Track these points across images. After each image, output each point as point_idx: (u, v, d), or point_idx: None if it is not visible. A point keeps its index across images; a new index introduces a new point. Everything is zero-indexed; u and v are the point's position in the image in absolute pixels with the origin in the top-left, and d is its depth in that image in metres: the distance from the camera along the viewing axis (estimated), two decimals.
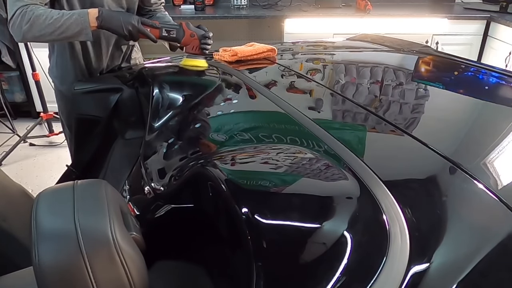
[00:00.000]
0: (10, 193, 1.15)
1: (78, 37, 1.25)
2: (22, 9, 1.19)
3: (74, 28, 1.21)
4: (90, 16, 1.22)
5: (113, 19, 1.25)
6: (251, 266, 0.59)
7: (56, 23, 1.19)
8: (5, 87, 3.33)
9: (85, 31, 1.23)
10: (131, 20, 1.26)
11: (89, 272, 0.57)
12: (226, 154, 0.91)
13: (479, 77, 1.40)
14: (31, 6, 1.20)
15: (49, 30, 1.20)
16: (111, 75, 1.53)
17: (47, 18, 1.19)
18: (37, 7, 1.21)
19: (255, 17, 3.13)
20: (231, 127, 1.09)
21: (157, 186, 1.00)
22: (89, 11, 1.23)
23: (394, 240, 0.59)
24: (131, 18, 1.27)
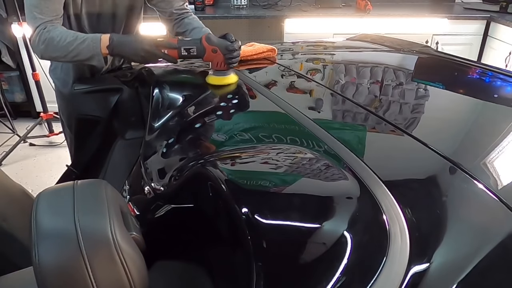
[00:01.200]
0: (10, 193, 1.15)
1: (90, 62, 1.25)
2: (40, 29, 1.21)
3: (86, 53, 1.21)
4: (102, 43, 1.20)
5: (125, 47, 1.21)
6: (251, 266, 0.59)
7: (69, 47, 1.20)
8: (5, 87, 3.33)
9: (97, 57, 1.22)
10: (143, 45, 1.20)
11: (89, 272, 0.57)
12: (226, 154, 0.91)
13: (479, 77, 1.40)
14: (48, 26, 1.21)
15: (63, 53, 1.22)
16: (111, 75, 1.53)
17: (61, 41, 1.20)
18: (54, 27, 1.22)
19: (255, 17, 3.13)
20: (231, 127, 1.09)
21: (157, 186, 1.00)
22: (102, 38, 1.21)
23: (394, 240, 0.59)
24: (144, 43, 1.21)
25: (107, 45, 1.20)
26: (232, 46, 1.22)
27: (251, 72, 1.42)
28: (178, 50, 1.24)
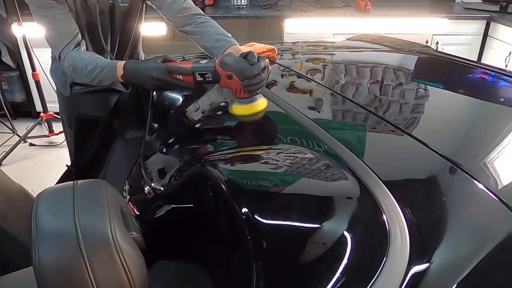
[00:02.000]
0: (10, 193, 1.15)
1: (114, 87, 1.24)
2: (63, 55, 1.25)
3: (107, 81, 1.22)
4: (117, 72, 1.19)
5: (137, 75, 1.16)
6: (251, 266, 0.59)
7: (91, 75, 1.22)
8: (5, 87, 3.33)
9: (117, 85, 1.22)
10: (155, 73, 1.12)
11: (89, 272, 0.58)
12: (226, 154, 0.91)
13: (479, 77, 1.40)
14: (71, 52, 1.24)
15: (88, 79, 1.24)
16: None
17: (83, 69, 1.22)
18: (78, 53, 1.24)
19: (255, 17, 3.13)
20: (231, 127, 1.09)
21: (157, 186, 1.00)
22: (117, 66, 1.19)
23: (394, 240, 0.59)
24: (156, 71, 1.12)
25: (121, 74, 1.18)
26: (250, 71, 1.01)
27: None
28: (193, 75, 1.09)
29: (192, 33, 1.35)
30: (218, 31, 1.33)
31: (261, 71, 1.03)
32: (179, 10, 1.33)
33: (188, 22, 1.34)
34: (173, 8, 1.33)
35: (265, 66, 1.04)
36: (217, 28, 1.34)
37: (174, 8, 1.33)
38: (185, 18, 1.34)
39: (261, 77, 1.03)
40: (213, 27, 1.34)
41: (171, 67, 1.12)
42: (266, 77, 1.06)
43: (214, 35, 1.31)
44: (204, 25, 1.34)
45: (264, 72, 1.04)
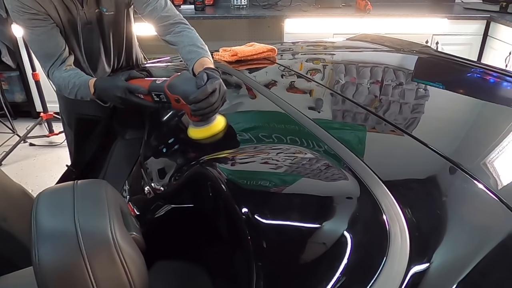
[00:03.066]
0: (10, 193, 1.15)
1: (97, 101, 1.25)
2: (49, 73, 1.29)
3: (85, 97, 1.25)
4: (90, 89, 1.21)
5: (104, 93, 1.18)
6: (251, 266, 0.59)
7: (73, 93, 1.26)
8: (5, 87, 3.33)
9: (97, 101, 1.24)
10: (117, 92, 1.11)
11: (89, 272, 0.57)
12: (226, 154, 0.91)
13: (479, 77, 1.40)
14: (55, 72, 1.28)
15: (72, 96, 1.27)
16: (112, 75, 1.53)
17: (65, 88, 1.26)
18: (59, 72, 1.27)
19: (255, 17, 3.13)
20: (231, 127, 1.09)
21: (157, 186, 1.00)
22: (89, 84, 1.21)
23: (394, 240, 0.59)
24: (118, 90, 1.11)
25: (93, 92, 1.21)
26: (195, 96, 0.94)
27: (251, 72, 1.42)
28: (150, 95, 1.07)
29: (171, 43, 1.33)
30: (192, 41, 1.28)
31: (209, 95, 0.95)
32: (158, 18, 1.31)
33: (167, 32, 1.32)
34: (153, 17, 1.31)
35: (214, 89, 0.96)
36: (192, 38, 1.29)
37: (153, 17, 1.31)
38: (165, 28, 1.32)
39: (209, 102, 0.95)
40: (188, 37, 1.30)
41: (131, 86, 1.10)
42: (218, 100, 0.98)
43: (187, 47, 1.26)
44: (180, 35, 1.31)
45: (213, 96, 0.96)
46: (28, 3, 1.18)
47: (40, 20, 1.22)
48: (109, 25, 1.38)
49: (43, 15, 1.22)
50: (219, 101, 0.99)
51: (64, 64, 1.28)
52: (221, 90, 0.99)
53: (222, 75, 1.36)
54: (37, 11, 1.20)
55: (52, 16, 1.25)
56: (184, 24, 1.34)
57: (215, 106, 0.98)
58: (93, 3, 1.30)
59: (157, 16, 1.31)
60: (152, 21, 1.33)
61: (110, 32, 1.41)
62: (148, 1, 1.30)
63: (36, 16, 1.21)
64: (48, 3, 1.22)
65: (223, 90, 1.00)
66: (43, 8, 1.21)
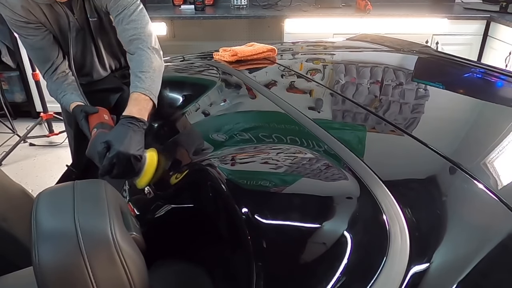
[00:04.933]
0: (10, 193, 1.15)
1: None
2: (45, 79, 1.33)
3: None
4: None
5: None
6: (251, 266, 0.59)
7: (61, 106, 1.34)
8: (5, 87, 3.33)
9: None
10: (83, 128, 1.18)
11: (89, 272, 0.57)
12: (226, 154, 0.91)
13: (479, 77, 1.40)
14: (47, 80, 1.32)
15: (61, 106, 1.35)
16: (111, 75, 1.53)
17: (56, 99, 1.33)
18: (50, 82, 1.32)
19: (255, 17, 3.13)
20: (231, 127, 1.09)
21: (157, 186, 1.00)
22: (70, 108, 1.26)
23: (394, 240, 0.59)
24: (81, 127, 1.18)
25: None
26: (99, 173, 1.00)
27: (251, 72, 1.42)
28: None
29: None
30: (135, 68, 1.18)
31: (109, 171, 0.98)
32: (121, 32, 1.25)
33: (127, 50, 1.25)
34: (119, 29, 1.25)
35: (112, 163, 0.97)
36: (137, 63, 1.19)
37: (119, 29, 1.25)
38: (124, 44, 1.26)
39: (114, 173, 0.98)
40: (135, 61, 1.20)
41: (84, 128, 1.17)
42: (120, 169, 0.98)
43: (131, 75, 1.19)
44: (131, 58, 1.22)
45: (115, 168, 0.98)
46: (19, 12, 1.18)
47: (32, 29, 1.23)
48: (96, 31, 1.38)
49: (35, 23, 1.22)
50: (125, 167, 0.98)
51: (56, 72, 1.31)
52: (122, 158, 0.97)
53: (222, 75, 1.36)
54: (28, 20, 1.20)
55: (43, 23, 1.25)
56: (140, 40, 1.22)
57: (125, 173, 1.00)
58: (81, 10, 1.30)
59: (120, 28, 1.24)
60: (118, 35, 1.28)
61: (99, 36, 1.41)
62: (117, 10, 1.23)
63: (28, 24, 1.21)
64: (38, 11, 1.21)
65: (124, 158, 0.98)
66: (34, 16, 1.21)
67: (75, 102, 1.26)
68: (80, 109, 1.19)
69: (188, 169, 0.92)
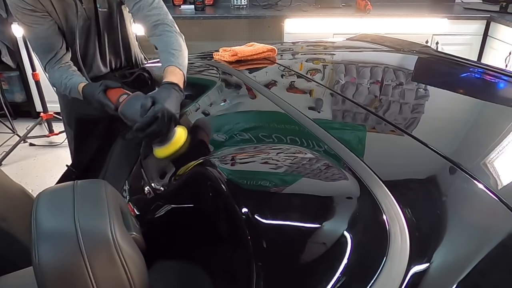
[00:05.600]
0: (10, 193, 1.15)
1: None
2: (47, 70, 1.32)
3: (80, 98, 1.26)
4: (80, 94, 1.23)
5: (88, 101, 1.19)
6: (251, 266, 0.59)
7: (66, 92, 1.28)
8: (5, 87, 3.33)
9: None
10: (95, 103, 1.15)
11: (89, 272, 0.57)
12: (226, 154, 0.91)
13: (479, 77, 1.40)
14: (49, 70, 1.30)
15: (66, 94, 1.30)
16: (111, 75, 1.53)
17: (60, 87, 1.29)
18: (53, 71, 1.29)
19: (255, 17, 3.13)
20: (231, 127, 1.09)
21: (157, 186, 1.00)
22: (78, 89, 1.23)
23: (394, 240, 0.59)
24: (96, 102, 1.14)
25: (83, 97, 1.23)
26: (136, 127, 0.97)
27: (251, 72, 1.42)
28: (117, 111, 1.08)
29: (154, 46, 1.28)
30: (166, 47, 1.22)
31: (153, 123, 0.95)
32: (143, 17, 1.28)
33: (150, 33, 1.28)
34: (139, 16, 1.29)
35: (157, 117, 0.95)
36: (167, 43, 1.23)
37: (139, 16, 1.29)
38: (148, 29, 1.28)
39: (153, 130, 0.96)
40: (164, 42, 1.24)
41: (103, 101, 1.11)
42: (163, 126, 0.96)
43: (161, 53, 1.22)
44: (159, 38, 1.25)
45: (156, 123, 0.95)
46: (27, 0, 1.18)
47: (38, 18, 1.22)
48: (104, 23, 1.38)
49: (42, 12, 1.23)
50: (165, 126, 0.97)
51: (60, 62, 1.29)
52: (166, 114, 0.97)
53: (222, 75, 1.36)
54: (35, 8, 1.21)
55: (50, 12, 1.25)
56: (165, 25, 1.27)
57: (161, 132, 0.97)
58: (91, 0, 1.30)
59: (142, 15, 1.28)
60: (138, 21, 1.32)
61: (105, 30, 1.41)
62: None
63: (34, 13, 1.21)
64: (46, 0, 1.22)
65: (168, 115, 0.97)
66: (42, 4, 1.22)
67: (84, 82, 1.24)
68: (100, 83, 1.15)
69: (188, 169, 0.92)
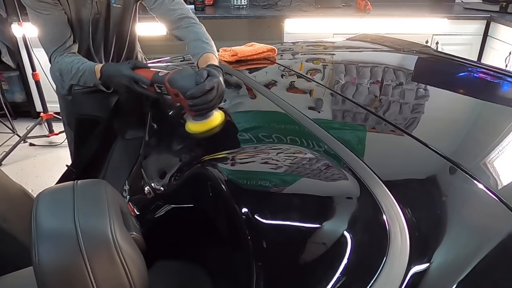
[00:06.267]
0: (10, 193, 1.15)
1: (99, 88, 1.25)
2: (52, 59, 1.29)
3: (90, 83, 1.25)
4: (96, 74, 1.21)
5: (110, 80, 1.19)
6: (251, 266, 0.59)
7: (76, 78, 1.25)
8: (5, 87, 3.33)
9: (99, 86, 1.24)
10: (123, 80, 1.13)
11: (89, 272, 0.57)
12: (226, 154, 0.91)
13: (479, 77, 1.40)
14: (57, 57, 1.27)
15: (74, 82, 1.27)
16: None
17: (68, 72, 1.25)
18: (62, 57, 1.27)
19: (255, 17, 3.13)
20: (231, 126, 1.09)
21: (157, 186, 1.00)
22: (95, 69, 1.21)
23: (394, 240, 0.59)
24: (124, 78, 1.13)
25: (99, 77, 1.21)
26: (192, 92, 0.97)
27: (251, 72, 1.42)
28: (153, 86, 1.09)
29: (179, 38, 1.34)
30: (198, 36, 1.28)
31: (207, 92, 0.97)
32: (166, 12, 1.32)
33: (175, 26, 1.32)
34: (161, 10, 1.33)
35: (212, 87, 0.97)
36: (198, 33, 1.29)
37: (162, 10, 1.32)
38: (172, 22, 1.32)
39: (206, 99, 0.97)
40: (194, 32, 1.30)
41: (135, 76, 1.11)
42: (216, 98, 0.99)
43: (193, 42, 1.27)
44: (186, 30, 1.31)
45: (211, 93, 0.97)
46: None
47: (49, 4, 1.23)
48: (115, 19, 1.39)
49: (53, 1, 1.23)
50: (217, 99, 1.00)
51: (69, 50, 1.29)
52: (219, 88, 1.00)
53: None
54: None
55: (62, 2, 1.25)
56: (191, 18, 1.33)
57: (212, 104, 1.00)
58: None
59: (165, 9, 1.32)
60: (160, 15, 1.34)
61: (115, 27, 1.41)
62: None
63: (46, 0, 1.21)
64: None
65: (221, 89, 1.01)
66: None
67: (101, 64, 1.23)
68: (127, 61, 1.17)
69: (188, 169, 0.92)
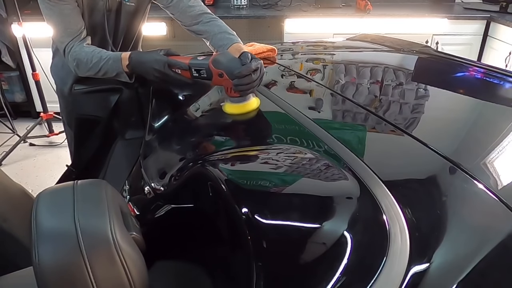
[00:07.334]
0: (10, 193, 1.15)
1: (119, 78, 1.26)
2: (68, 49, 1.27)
3: (112, 72, 1.24)
4: (123, 62, 1.21)
5: (141, 66, 1.19)
6: (251, 266, 0.59)
7: (96, 68, 1.24)
8: (5, 87, 3.33)
9: (122, 75, 1.24)
10: (156, 65, 1.15)
11: (89, 272, 0.57)
12: (226, 154, 0.91)
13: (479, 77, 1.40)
14: (75, 45, 1.26)
15: (93, 72, 1.26)
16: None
17: (88, 62, 1.24)
18: (81, 46, 1.26)
19: (255, 17, 3.13)
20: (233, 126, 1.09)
21: (157, 186, 1.00)
22: (122, 57, 1.21)
23: (394, 240, 0.59)
24: (157, 63, 1.15)
25: (127, 64, 1.21)
26: (239, 71, 1.01)
27: None
28: (190, 70, 1.13)
29: (199, 32, 1.37)
30: (223, 29, 1.34)
31: (252, 72, 1.02)
32: (185, 8, 1.35)
33: (194, 22, 1.35)
34: (180, 7, 1.35)
35: (257, 67, 1.03)
36: (222, 27, 1.35)
37: (180, 7, 1.35)
38: (192, 17, 1.35)
39: (251, 78, 1.02)
40: (217, 26, 1.35)
41: (171, 61, 1.14)
42: (258, 78, 1.05)
43: (219, 34, 1.32)
44: (209, 24, 1.35)
45: (255, 74, 1.03)
46: None
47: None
48: (126, 17, 1.40)
49: None
50: (259, 80, 1.06)
51: (85, 40, 1.29)
52: (261, 70, 1.06)
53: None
54: None
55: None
56: (211, 14, 1.37)
57: (255, 84, 1.05)
58: None
59: (184, 6, 1.35)
60: (177, 12, 1.36)
61: (125, 25, 1.42)
62: None
63: None
64: None
65: (263, 71, 1.08)
66: None
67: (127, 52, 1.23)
68: (159, 49, 1.18)
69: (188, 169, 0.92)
